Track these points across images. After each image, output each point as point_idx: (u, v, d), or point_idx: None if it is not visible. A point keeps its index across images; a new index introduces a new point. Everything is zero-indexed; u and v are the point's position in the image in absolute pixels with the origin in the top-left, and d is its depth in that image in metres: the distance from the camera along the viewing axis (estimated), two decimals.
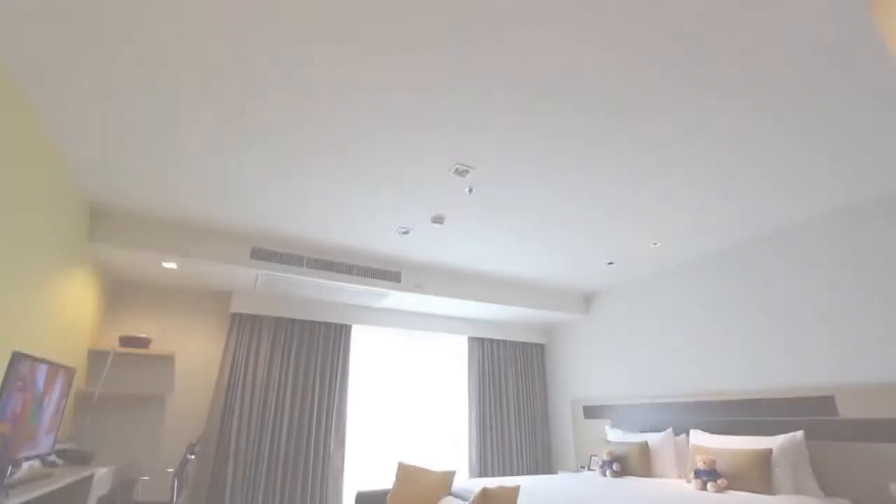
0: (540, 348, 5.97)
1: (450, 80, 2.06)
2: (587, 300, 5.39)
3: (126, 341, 3.81)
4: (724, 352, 3.79)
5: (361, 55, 1.92)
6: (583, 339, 5.37)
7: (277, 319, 4.50)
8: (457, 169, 2.76)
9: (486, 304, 4.82)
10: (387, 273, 4.28)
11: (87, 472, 2.38)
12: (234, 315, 4.34)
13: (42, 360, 2.08)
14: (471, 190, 2.99)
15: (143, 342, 3.87)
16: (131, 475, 3.41)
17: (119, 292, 4.14)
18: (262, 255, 3.79)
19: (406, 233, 3.69)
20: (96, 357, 3.87)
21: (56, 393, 2.33)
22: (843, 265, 3.18)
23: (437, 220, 3.43)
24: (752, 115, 2.27)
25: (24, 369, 1.93)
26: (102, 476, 2.63)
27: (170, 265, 3.69)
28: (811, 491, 2.84)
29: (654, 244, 3.89)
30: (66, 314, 3.13)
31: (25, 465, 2.60)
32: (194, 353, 4.25)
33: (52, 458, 2.76)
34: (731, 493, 2.89)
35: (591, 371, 5.16)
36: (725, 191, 3.00)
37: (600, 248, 4.00)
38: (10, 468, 1.89)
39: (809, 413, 3.11)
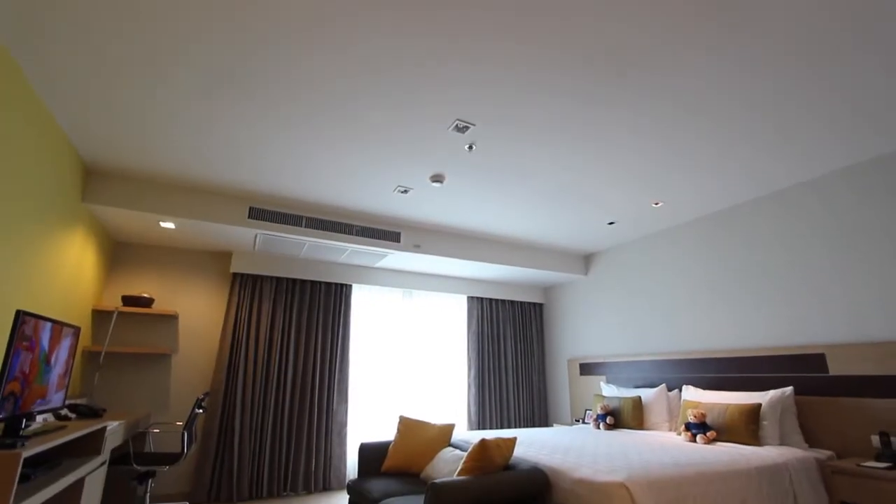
0: (538, 308, 6.05)
1: (449, 34, 1.96)
2: (586, 260, 5.41)
3: (129, 301, 3.85)
4: (719, 311, 3.84)
5: (358, 5, 1.82)
6: (581, 299, 5.44)
7: (278, 279, 4.54)
8: (457, 125, 2.68)
9: (486, 265, 4.84)
10: (386, 233, 4.26)
11: (99, 425, 2.46)
12: (234, 275, 4.37)
13: (46, 319, 2.10)
14: (471, 147, 2.92)
15: (146, 302, 3.92)
16: (142, 428, 3.53)
17: (120, 253, 4.14)
18: (260, 214, 3.76)
19: (405, 192, 3.64)
20: (101, 317, 3.92)
21: (63, 351, 2.38)
22: (838, 227, 3.18)
23: (437, 179, 3.37)
24: (756, 75, 2.18)
25: (29, 328, 1.95)
26: (114, 429, 2.73)
27: (167, 225, 3.66)
28: (796, 442, 2.96)
29: (656, 204, 3.85)
30: (67, 274, 3.14)
31: (39, 419, 2.69)
32: (197, 313, 4.30)
33: (65, 412, 2.85)
34: (719, 444, 3.01)
35: (589, 330, 5.25)
36: (727, 151, 2.96)
37: (601, 208, 3.96)
38: (24, 421, 1.95)
39: (800, 370, 3.19)
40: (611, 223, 4.33)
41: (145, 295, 3.94)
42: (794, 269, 3.38)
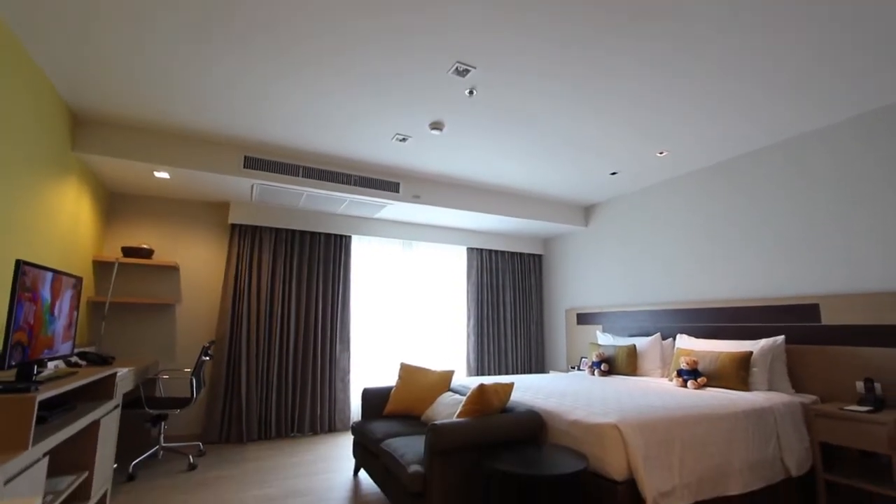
0: (538, 259, 6.09)
1: None
2: (587, 212, 5.37)
3: (129, 252, 3.86)
4: (717, 261, 3.86)
5: None
6: (580, 250, 5.46)
7: (277, 230, 4.52)
8: (457, 68, 2.55)
9: (486, 216, 4.81)
10: (385, 183, 4.19)
11: (109, 371, 2.54)
12: (233, 226, 4.35)
13: (46, 269, 2.11)
14: (471, 92, 2.80)
15: (146, 253, 3.92)
16: (151, 375, 3.66)
17: (116, 204, 4.09)
18: (255, 164, 3.67)
19: (403, 140, 3.54)
20: (102, 268, 3.95)
21: (66, 301, 2.40)
22: (841, 177, 3.13)
23: (436, 126, 3.27)
24: (763, 18, 2.04)
25: (30, 279, 1.95)
26: (124, 375, 2.82)
27: (162, 175, 3.60)
28: (783, 388, 3.07)
29: (660, 154, 3.76)
30: (64, 225, 3.12)
31: (51, 366, 2.77)
32: (198, 264, 4.32)
33: (75, 360, 2.94)
34: (709, 389, 3.13)
35: (587, 280, 5.31)
36: (734, 98, 2.85)
37: (605, 158, 3.88)
38: (35, 367, 2.01)
39: (794, 320, 3.25)
40: (613, 173, 4.25)
41: (145, 246, 3.94)
42: (795, 219, 3.35)
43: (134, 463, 3.22)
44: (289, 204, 4.35)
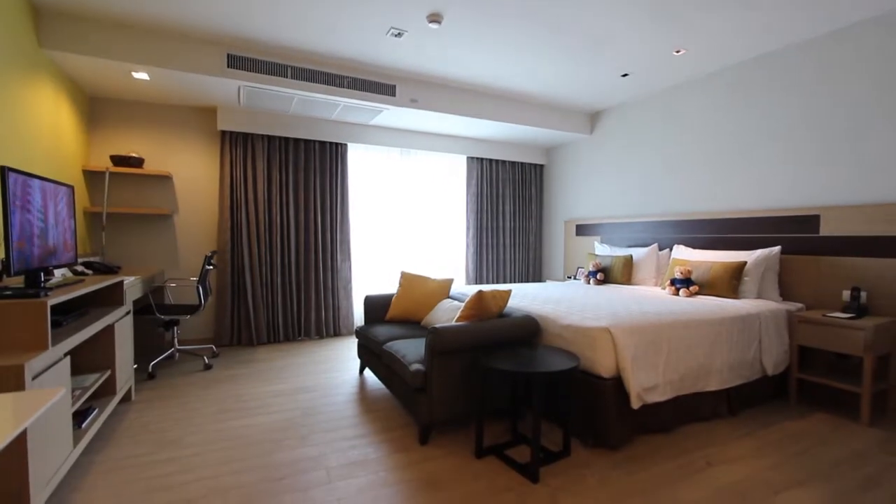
0: (539, 169, 5.95)
1: None
2: (592, 119, 5.13)
3: (118, 161, 3.74)
4: (720, 171, 3.77)
5: None
6: (584, 160, 5.31)
7: (269, 138, 4.35)
8: None
9: (486, 122, 4.59)
10: (380, 86, 3.94)
11: (117, 279, 2.59)
12: (223, 133, 4.17)
13: (33, 176, 2.04)
14: None
15: (137, 161, 3.81)
16: (158, 283, 3.75)
17: (98, 109, 3.87)
18: (240, 63, 3.41)
19: (399, 36, 3.25)
20: (93, 178, 3.86)
21: (62, 209, 2.37)
22: (847, 85, 2.97)
23: (434, 19, 2.97)
24: None
25: (18, 185, 1.90)
26: (132, 283, 2.89)
27: (141, 76, 3.35)
28: (772, 297, 3.18)
29: (676, 52, 3.48)
30: (45, 132, 2.98)
31: (58, 274, 2.83)
32: (191, 174, 4.22)
33: (81, 269, 2.99)
34: (700, 297, 3.24)
35: (588, 191, 5.24)
36: None
37: (616, 57, 3.59)
38: (42, 274, 2.04)
39: (793, 231, 3.25)
40: (624, 75, 3.97)
41: (134, 154, 3.81)
42: (805, 128, 3.20)
43: (153, 363, 3.44)
44: (279, 109, 4.13)
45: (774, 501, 1.80)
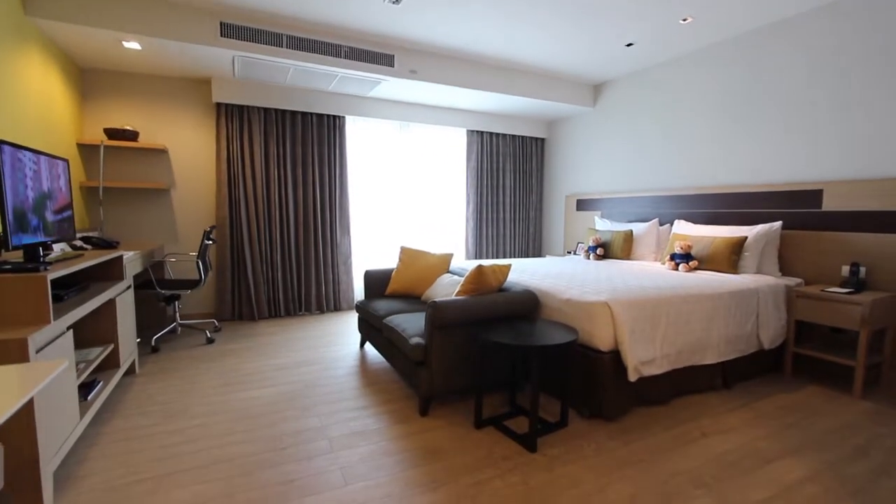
0: (540, 143, 5.87)
1: None
2: (596, 90, 5.02)
3: (112, 134, 3.68)
4: (724, 145, 3.71)
5: None
6: (586, 133, 5.23)
7: (266, 111, 4.26)
8: None
9: (487, 94, 4.50)
10: (378, 56, 3.83)
11: (117, 254, 2.59)
12: (218, 106, 4.09)
13: (25, 148, 2.01)
14: None
15: (131, 135, 3.75)
16: (158, 258, 3.75)
17: (91, 81, 3.79)
18: (233, 31, 3.31)
19: (396, 2, 3.14)
20: (88, 151, 3.80)
21: (58, 183, 2.34)
22: (856, 57, 2.88)
23: None
24: None
25: (11, 157, 1.87)
26: (131, 257, 2.89)
27: (132, 45, 3.26)
28: (771, 271, 3.18)
29: (683, 20, 3.37)
30: (36, 104, 2.92)
31: (57, 249, 2.82)
32: (187, 148, 4.16)
33: (79, 244, 2.98)
34: (700, 272, 3.24)
35: (590, 166, 5.18)
36: None
37: (621, 24, 3.49)
38: (40, 249, 2.03)
39: (795, 206, 3.23)
40: (629, 45, 3.87)
41: (128, 127, 3.75)
42: (811, 100, 3.13)
43: (155, 337, 3.47)
44: (275, 80, 4.03)
45: (766, 470, 1.85)
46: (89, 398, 2.11)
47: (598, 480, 1.77)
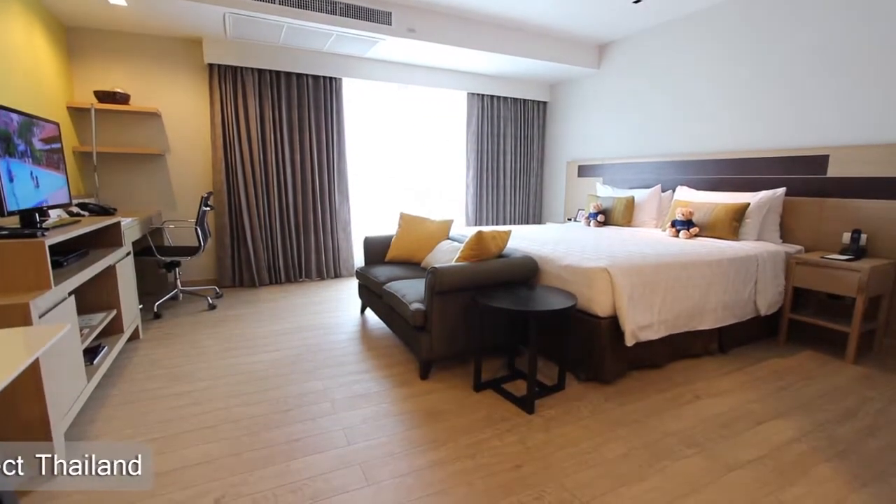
0: (542, 106, 5.72)
1: None
2: (601, 51, 4.85)
3: (104, 97, 3.58)
4: (729, 109, 3.61)
5: None
6: (589, 96, 5.09)
7: (260, 72, 4.13)
8: None
9: (488, 54, 4.34)
10: (375, 13, 3.67)
11: (114, 220, 2.57)
12: (211, 67, 3.96)
13: (12, 110, 1.95)
14: None
15: (123, 98, 3.65)
16: (156, 224, 3.73)
17: (77, 41, 3.65)
18: None
19: None
20: (79, 115, 3.71)
21: (50, 147, 2.29)
22: (868, 18, 2.77)
23: None
24: None
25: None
26: (129, 224, 2.87)
27: (116, 1, 3.11)
28: (772, 238, 3.17)
29: None
30: (21, 64, 2.82)
31: (53, 215, 2.80)
32: (180, 111, 4.05)
33: (76, 210, 2.95)
34: (700, 239, 3.23)
35: (592, 131, 5.07)
36: None
37: None
38: (37, 215, 2.01)
39: (799, 171, 3.18)
40: (636, 1, 3.70)
41: (119, 90, 3.64)
42: (820, 63, 3.01)
43: (157, 303, 3.50)
44: (268, 40, 3.88)
45: (756, 430, 1.91)
46: (95, 362, 2.14)
47: (592, 440, 1.83)
